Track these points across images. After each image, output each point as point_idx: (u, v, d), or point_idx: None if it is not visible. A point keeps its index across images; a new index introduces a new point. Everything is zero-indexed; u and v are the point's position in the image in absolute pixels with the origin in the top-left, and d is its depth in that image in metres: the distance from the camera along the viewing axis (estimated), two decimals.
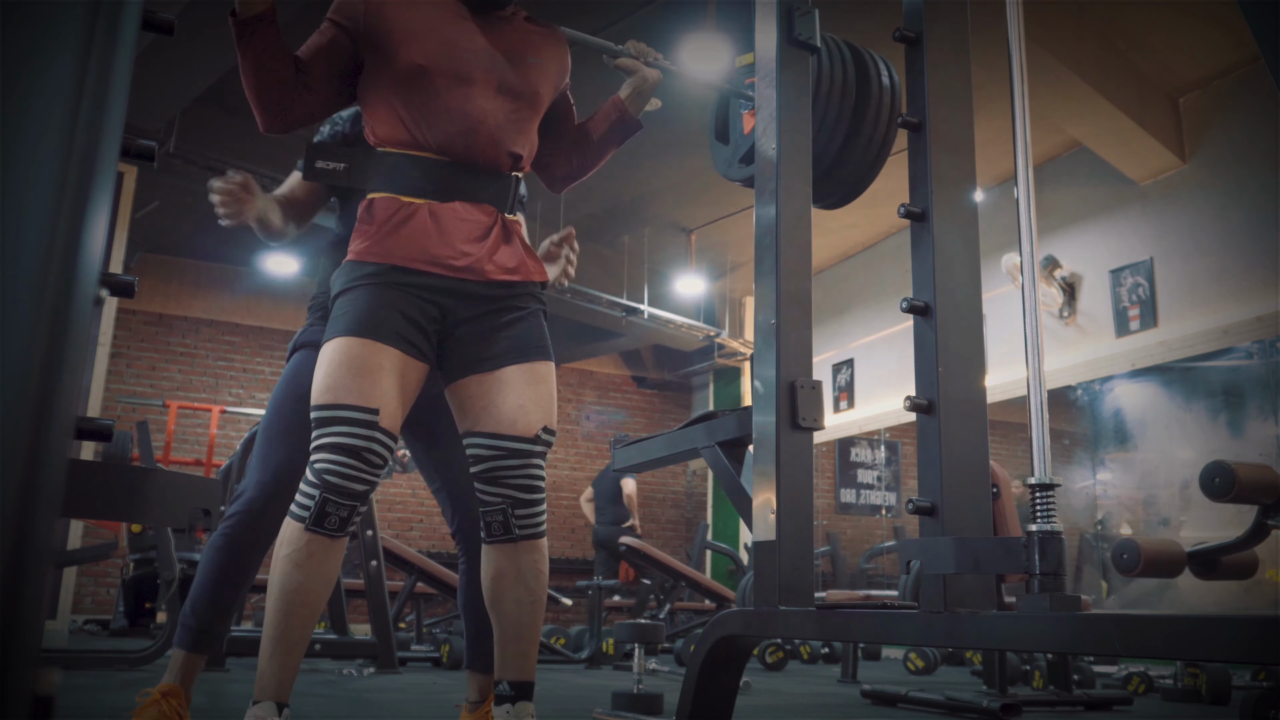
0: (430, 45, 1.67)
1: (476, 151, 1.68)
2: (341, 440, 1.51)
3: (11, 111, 0.49)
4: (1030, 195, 1.40)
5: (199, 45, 5.09)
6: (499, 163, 1.71)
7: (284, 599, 1.50)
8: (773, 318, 1.80)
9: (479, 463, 1.65)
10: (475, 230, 1.67)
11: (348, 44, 1.69)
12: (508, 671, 1.65)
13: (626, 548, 5.68)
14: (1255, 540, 1.22)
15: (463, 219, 1.66)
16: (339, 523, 1.51)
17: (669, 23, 5.52)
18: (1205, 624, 1.00)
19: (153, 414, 8.00)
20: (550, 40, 1.86)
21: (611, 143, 1.97)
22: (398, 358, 1.57)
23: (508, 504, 1.63)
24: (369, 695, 3.07)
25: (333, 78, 1.70)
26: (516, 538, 1.64)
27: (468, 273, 1.65)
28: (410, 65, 1.65)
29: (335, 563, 1.55)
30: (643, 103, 1.95)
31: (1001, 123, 1.61)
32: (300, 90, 1.67)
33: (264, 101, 1.66)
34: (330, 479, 1.50)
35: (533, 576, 1.65)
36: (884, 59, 2.13)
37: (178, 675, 1.84)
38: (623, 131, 1.97)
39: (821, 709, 3.16)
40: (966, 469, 1.50)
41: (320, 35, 1.70)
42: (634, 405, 10.89)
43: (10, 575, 0.44)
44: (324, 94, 1.70)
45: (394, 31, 1.67)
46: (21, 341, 0.46)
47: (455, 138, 1.66)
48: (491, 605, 1.67)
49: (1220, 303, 5.69)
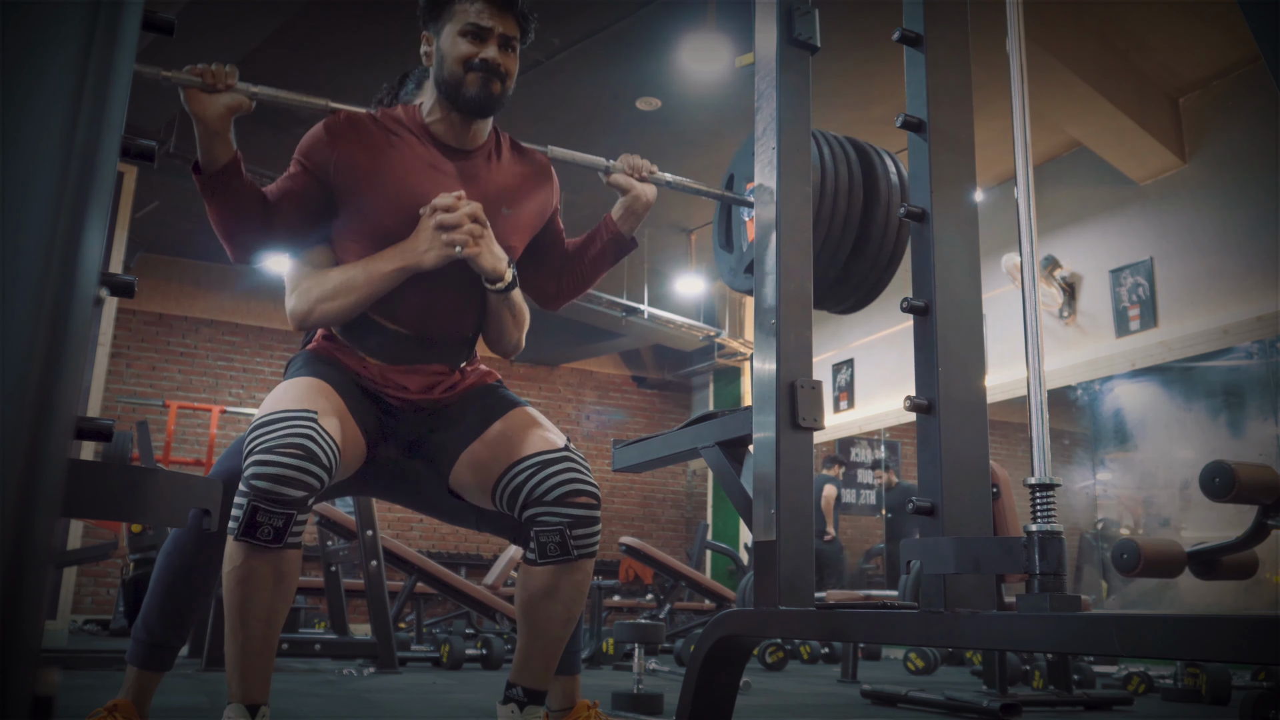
0: (400, 207, 1.64)
1: (433, 329, 1.70)
2: (275, 439, 1.43)
3: (11, 111, 0.49)
4: (1030, 195, 1.40)
5: (199, 45, 5.09)
6: (454, 337, 1.73)
7: (233, 612, 1.44)
8: (773, 318, 1.80)
9: (522, 488, 1.60)
10: (423, 383, 1.72)
11: (317, 190, 1.66)
12: (527, 679, 1.64)
13: (626, 547, 5.68)
14: (1255, 540, 1.22)
15: (412, 375, 1.71)
16: (273, 533, 1.40)
17: (669, 23, 5.52)
18: (1205, 624, 1.00)
19: (153, 414, 8.00)
20: (531, 177, 1.81)
21: (604, 264, 1.91)
22: (340, 402, 1.59)
23: (566, 524, 1.58)
24: (369, 695, 3.07)
25: (302, 219, 1.68)
26: (574, 557, 1.59)
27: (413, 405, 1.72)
28: (377, 229, 1.65)
29: (283, 576, 1.44)
30: (636, 221, 1.88)
31: (1001, 123, 1.61)
32: (268, 230, 1.64)
33: (231, 241, 1.64)
34: (259, 484, 1.40)
35: (574, 597, 1.63)
36: (889, 153, 2.10)
37: (130, 691, 1.69)
38: (616, 252, 1.91)
39: (821, 709, 3.16)
40: (966, 469, 1.50)
41: (290, 179, 1.67)
42: (634, 405, 10.89)
43: (10, 575, 0.44)
44: (295, 233, 1.68)
45: (362, 189, 1.65)
46: (21, 341, 0.46)
47: (413, 314, 1.68)
48: (524, 616, 1.64)
49: (1220, 303, 5.69)
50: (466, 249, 1.60)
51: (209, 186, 1.57)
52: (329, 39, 5.69)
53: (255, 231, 1.63)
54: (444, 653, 4.46)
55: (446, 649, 4.45)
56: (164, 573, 1.72)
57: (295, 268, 1.70)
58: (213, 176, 1.57)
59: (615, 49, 5.85)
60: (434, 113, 1.72)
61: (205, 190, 1.58)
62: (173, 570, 1.71)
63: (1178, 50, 5.72)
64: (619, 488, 10.46)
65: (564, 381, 10.45)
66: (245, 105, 1.56)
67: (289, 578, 1.46)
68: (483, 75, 1.65)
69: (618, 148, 2.00)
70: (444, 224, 1.60)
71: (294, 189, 1.65)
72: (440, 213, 1.60)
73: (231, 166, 1.57)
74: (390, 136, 1.69)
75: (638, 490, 10.59)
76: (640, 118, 6.61)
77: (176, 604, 1.71)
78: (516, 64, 1.71)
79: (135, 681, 1.69)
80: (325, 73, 6.06)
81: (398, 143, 1.69)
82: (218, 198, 1.58)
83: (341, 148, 1.65)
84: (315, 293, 1.65)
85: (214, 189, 1.58)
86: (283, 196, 1.65)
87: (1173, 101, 6.09)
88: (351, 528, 4.32)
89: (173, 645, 1.71)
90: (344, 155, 1.65)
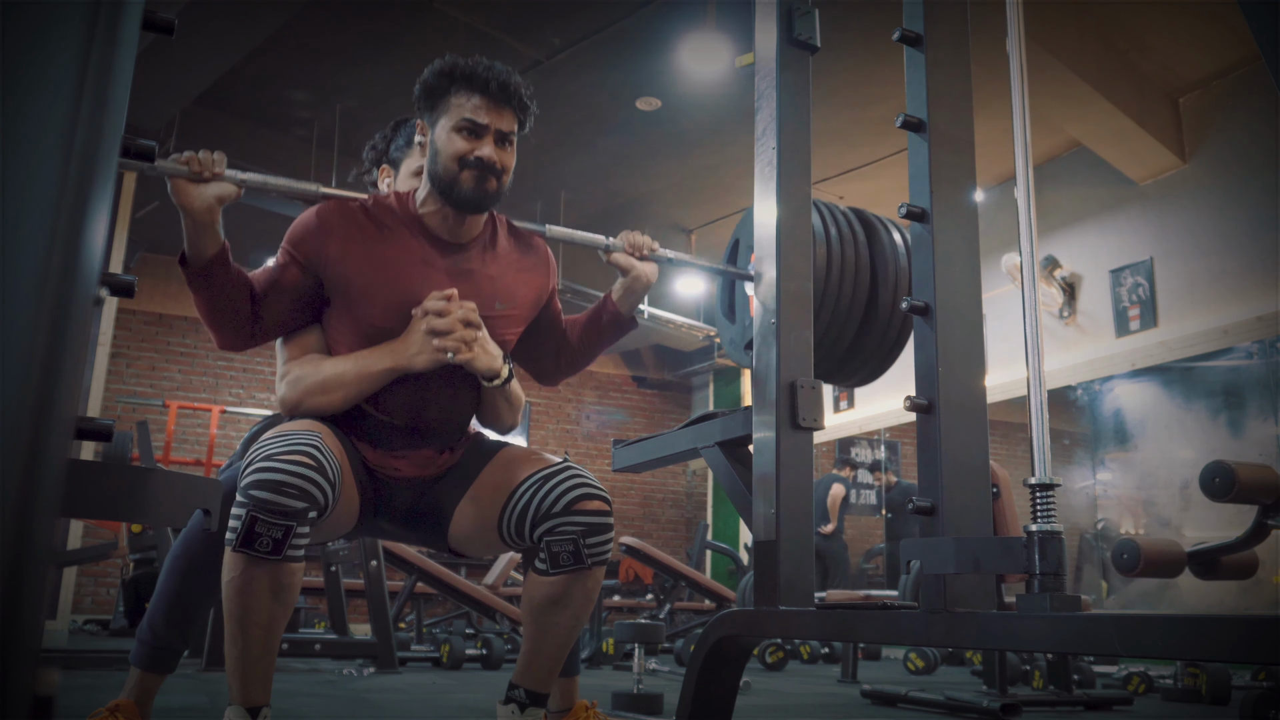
0: (392, 305, 1.61)
1: (426, 421, 1.67)
2: (277, 450, 1.40)
3: (11, 111, 0.49)
4: (1030, 195, 1.40)
5: (199, 45, 5.09)
6: (445, 428, 1.71)
7: (232, 621, 1.40)
8: (773, 318, 1.80)
9: (529, 506, 1.58)
10: (416, 468, 1.70)
11: (307, 282, 1.63)
12: (529, 681, 1.63)
13: (626, 547, 5.68)
14: (1255, 540, 1.22)
15: (404, 461, 1.69)
16: (272, 544, 1.35)
17: (669, 22, 5.52)
18: (1205, 624, 1.00)
19: (153, 414, 8.00)
20: (527, 265, 1.78)
21: (604, 342, 1.89)
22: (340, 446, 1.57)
23: (580, 532, 1.55)
24: (369, 695, 3.07)
25: (291, 309, 1.65)
26: (588, 566, 1.57)
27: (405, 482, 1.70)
28: (369, 327, 1.62)
29: (284, 588, 1.40)
30: (637, 301, 1.86)
31: (1001, 123, 1.61)
32: (256, 320, 1.62)
33: (220, 331, 1.62)
34: (258, 494, 1.35)
35: (583, 604, 1.61)
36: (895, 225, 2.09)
37: (132, 692, 1.68)
38: (616, 331, 1.88)
39: (821, 709, 3.16)
40: (966, 469, 1.50)
41: (280, 271, 1.63)
42: (634, 405, 10.89)
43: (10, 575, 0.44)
44: (284, 321, 1.66)
45: (354, 285, 1.61)
46: (21, 341, 0.46)
47: (405, 407, 1.65)
48: (533, 620, 1.61)
49: (1220, 303, 5.69)
50: (458, 355, 1.57)
51: (196, 279, 1.54)
52: (328, 39, 5.69)
53: (244, 322, 1.60)
54: (444, 653, 4.46)
55: (446, 649, 4.46)
56: (171, 576, 1.72)
57: (286, 353, 1.68)
58: (200, 269, 1.53)
59: (615, 49, 5.85)
60: (427, 204, 1.67)
61: (192, 283, 1.54)
62: (180, 573, 1.71)
63: (1178, 50, 5.72)
64: (619, 488, 10.45)
65: (564, 381, 10.45)
66: (234, 194, 1.52)
67: (289, 590, 1.41)
68: (478, 173, 1.61)
69: (618, 148, 1.99)
70: (435, 329, 1.57)
71: (283, 280, 1.62)
72: (432, 317, 1.57)
73: (219, 258, 1.54)
74: (382, 229, 1.64)
75: (638, 490, 10.59)
76: (640, 118, 6.61)
77: (183, 607, 1.71)
78: (514, 158, 1.66)
79: (138, 683, 1.69)
80: (324, 73, 6.06)
81: (390, 236, 1.64)
82: (204, 290, 1.55)
83: (333, 241, 1.61)
84: (305, 384, 1.62)
85: (201, 282, 1.54)
86: (271, 287, 1.61)
87: (1173, 101, 6.09)
88: None
89: (177, 648, 1.71)
90: (335, 250, 1.60)
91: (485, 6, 5.44)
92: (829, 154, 6.89)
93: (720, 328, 2.29)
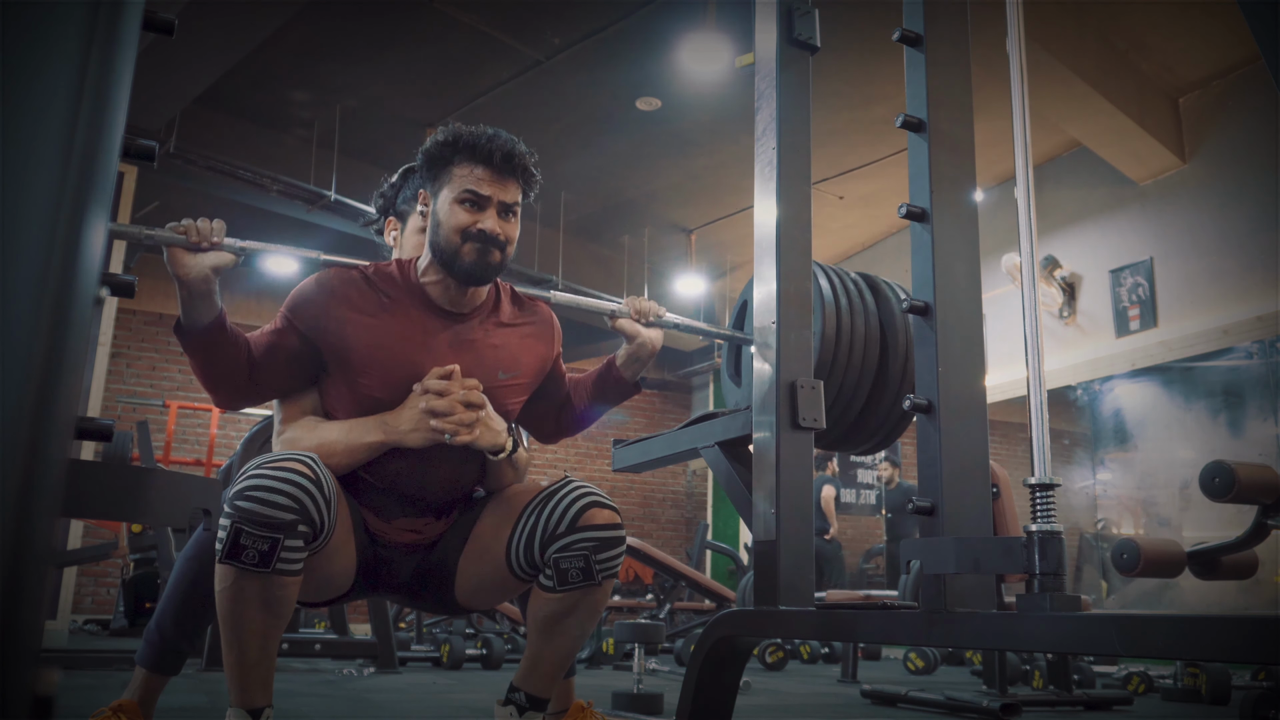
0: (392, 377, 1.57)
1: (425, 494, 1.64)
2: (268, 462, 1.37)
3: (11, 111, 0.49)
4: (1030, 195, 1.40)
5: (199, 45, 5.09)
6: (451, 495, 1.68)
7: (228, 629, 1.37)
8: (773, 318, 1.80)
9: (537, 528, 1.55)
10: (416, 536, 1.66)
11: (305, 349, 1.59)
12: (531, 686, 1.61)
13: (627, 547, 5.67)
14: (1255, 540, 1.21)
15: (406, 530, 1.65)
16: (258, 556, 1.31)
17: (669, 23, 5.52)
18: (1205, 624, 1.00)
19: (153, 414, 8.00)
20: (531, 334, 1.74)
21: (605, 405, 1.85)
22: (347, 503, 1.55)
23: (591, 548, 1.52)
24: (369, 695, 3.07)
25: (288, 374, 1.61)
26: (598, 582, 1.54)
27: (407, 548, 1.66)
28: (367, 399, 1.58)
29: (273, 602, 1.36)
30: (641, 367, 1.81)
31: (1001, 123, 1.61)
32: (253, 383, 1.59)
33: (216, 392, 1.59)
34: (243, 504, 1.31)
35: (589, 616, 1.58)
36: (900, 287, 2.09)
37: (136, 693, 1.67)
38: (618, 395, 1.83)
39: (821, 709, 3.16)
40: (966, 469, 1.50)
41: (277, 336, 1.59)
42: (634, 405, 10.88)
43: (10, 575, 0.44)
44: (281, 385, 1.62)
45: (352, 356, 1.57)
46: (21, 341, 0.46)
47: (405, 480, 1.61)
48: (538, 628, 1.59)
49: (1220, 303, 5.69)
50: (457, 438, 1.53)
51: (192, 345, 1.51)
52: (328, 39, 5.69)
53: (240, 384, 1.57)
54: (444, 653, 4.46)
55: (446, 649, 4.46)
56: (181, 577, 1.70)
57: (283, 413, 1.64)
58: (196, 336, 1.50)
59: (615, 49, 5.85)
60: (429, 274, 1.63)
61: (188, 349, 1.52)
62: (191, 575, 1.69)
63: (1178, 50, 5.72)
64: (619, 488, 10.46)
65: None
66: (231, 263, 1.48)
67: (282, 603, 1.38)
68: (480, 246, 1.57)
69: (618, 148, 1.99)
70: (434, 410, 1.53)
71: (281, 345, 1.59)
72: (431, 396, 1.53)
73: (216, 324, 1.51)
74: (382, 299, 1.61)
75: (638, 490, 10.60)
76: (640, 118, 6.61)
77: (192, 609, 1.69)
78: (518, 228, 1.63)
79: (143, 683, 1.69)
80: (324, 73, 6.06)
81: (390, 306, 1.61)
82: (200, 355, 1.53)
83: (332, 311, 1.58)
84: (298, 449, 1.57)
85: (197, 348, 1.52)
86: (268, 352, 1.58)
87: (1173, 101, 6.09)
88: None
89: (185, 650, 1.70)
90: (334, 320, 1.57)
91: (485, 6, 5.44)
92: (829, 154, 6.89)
93: (726, 390, 2.28)
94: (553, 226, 8.08)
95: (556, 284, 7.93)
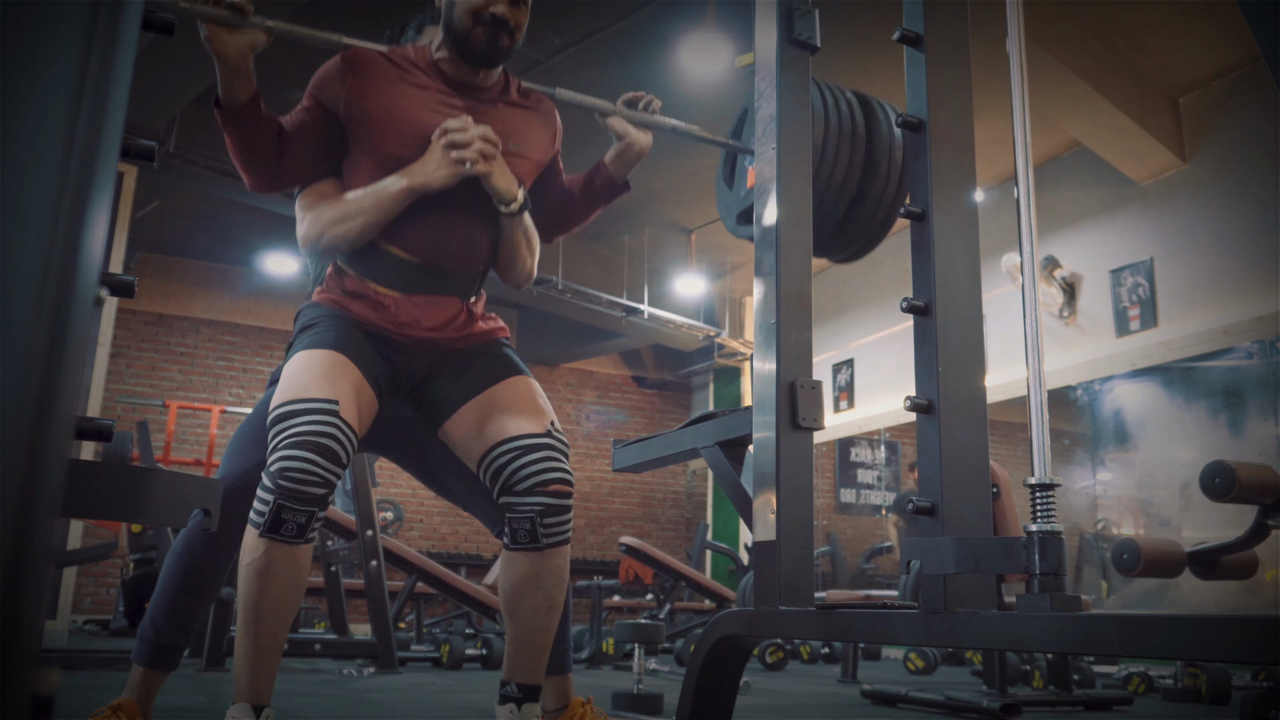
0: (409, 135, 1.66)
1: (446, 258, 1.71)
2: (300, 435, 1.47)
3: (11, 111, 0.49)
4: (1030, 195, 1.40)
5: (199, 45, 5.07)
6: (467, 266, 1.74)
7: (249, 606, 1.46)
8: (773, 318, 1.80)
9: (501, 472, 1.62)
10: (438, 317, 1.72)
11: (329, 123, 1.70)
12: (519, 674, 1.64)
13: (626, 547, 5.67)
14: (1255, 540, 1.22)
15: (426, 310, 1.71)
16: (296, 529, 1.45)
17: (669, 22, 5.52)
18: (1205, 624, 1.00)
19: (153, 414, 8.00)
20: (537, 116, 1.84)
21: (597, 205, 1.94)
22: (356, 374, 1.60)
23: (537, 512, 1.60)
24: (369, 695, 3.07)
25: (317, 151, 1.71)
26: (542, 546, 1.62)
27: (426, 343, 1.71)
28: (387, 156, 1.66)
29: (299, 569, 1.49)
30: (628, 167, 1.91)
31: (1001, 123, 1.61)
32: (282, 161, 1.69)
33: (250, 171, 1.68)
34: (285, 483, 1.44)
35: (554, 582, 1.64)
36: (893, 107, 2.09)
37: (134, 691, 1.70)
38: (609, 195, 1.94)
39: (821, 709, 3.16)
40: (966, 469, 1.50)
41: (303, 111, 1.70)
42: (634, 405, 10.89)
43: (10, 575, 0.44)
44: (309, 164, 1.72)
45: (373, 121, 1.67)
46: (21, 341, 0.46)
47: (426, 241, 1.69)
48: (509, 609, 1.65)
49: (1220, 303, 5.69)
50: (476, 166, 1.62)
51: (230, 121, 1.62)
52: None
53: (271, 162, 1.67)
54: (444, 653, 4.46)
55: (446, 649, 4.46)
56: (173, 573, 1.74)
57: (305, 197, 1.74)
58: (233, 111, 1.61)
59: (615, 49, 5.84)
60: (443, 51, 1.74)
61: (226, 124, 1.62)
62: (183, 571, 1.73)
63: (1178, 50, 5.72)
64: (619, 488, 10.46)
65: (564, 381, 10.45)
66: (264, 42, 1.59)
67: (304, 570, 1.50)
68: (491, 30, 1.67)
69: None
70: (454, 142, 1.62)
71: (307, 122, 1.69)
72: (451, 133, 1.62)
73: (252, 101, 1.61)
74: (401, 72, 1.71)
75: (638, 490, 10.59)
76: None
77: (185, 604, 1.73)
78: (528, 15, 1.72)
79: (140, 681, 1.70)
80: None
81: (408, 78, 1.71)
82: (236, 131, 1.63)
83: (353, 82, 1.68)
84: (325, 217, 1.67)
85: (234, 123, 1.62)
86: (297, 129, 1.69)
87: (1173, 101, 6.09)
88: (351, 528, 4.32)
89: (180, 645, 1.73)
90: (355, 89, 1.67)
91: None
92: None
93: (719, 194, 2.30)
94: None
95: (556, 284, 7.93)
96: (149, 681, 1.71)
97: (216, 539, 1.72)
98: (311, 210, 1.70)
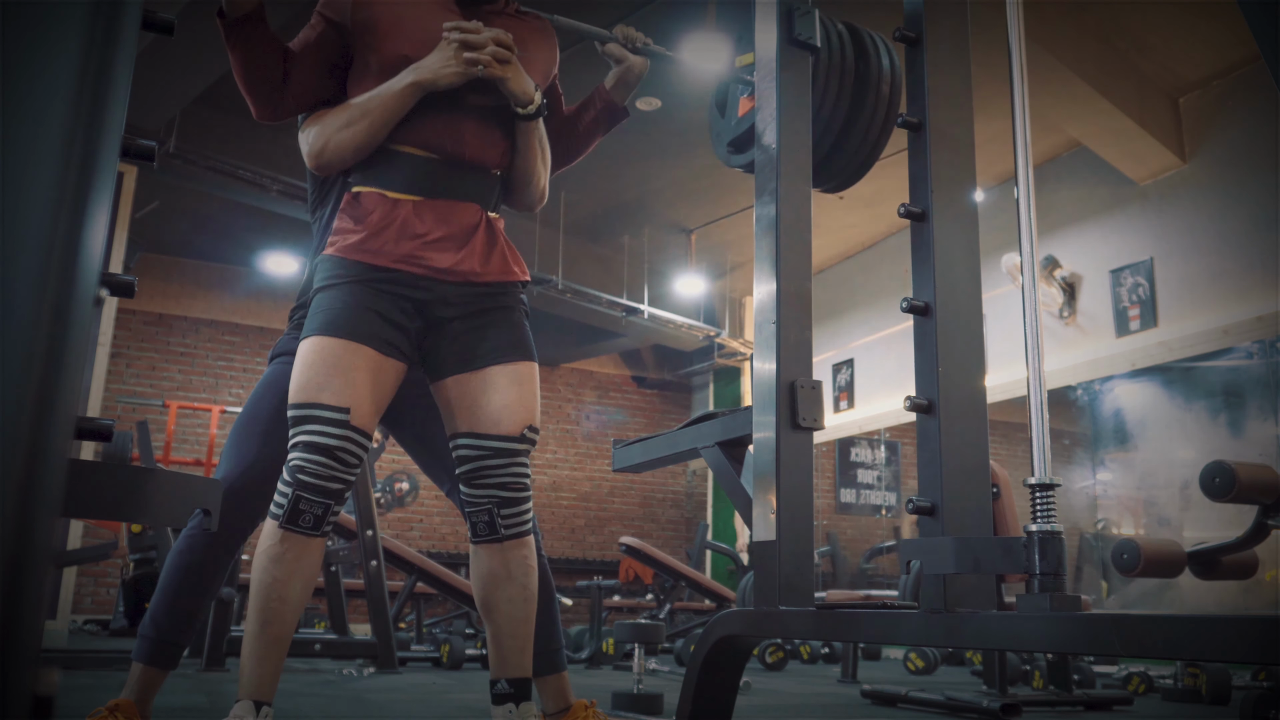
0: (416, 37, 1.66)
1: (462, 148, 1.68)
2: (315, 439, 1.51)
3: (11, 111, 0.49)
4: (1030, 195, 1.40)
5: (199, 45, 5.08)
6: (484, 160, 1.71)
7: (261, 595, 1.50)
8: (773, 318, 1.80)
9: (464, 463, 1.65)
10: (459, 230, 1.66)
11: (336, 38, 1.70)
12: (506, 669, 1.65)
13: (626, 547, 5.67)
14: (1255, 540, 1.22)
15: (447, 218, 1.66)
16: (314, 521, 1.51)
17: (669, 22, 5.52)
18: (1205, 624, 1.00)
19: (153, 414, 8.00)
20: (538, 33, 1.85)
21: (598, 131, 1.96)
22: (373, 357, 1.57)
23: (493, 504, 1.63)
24: (369, 695, 3.07)
25: (323, 72, 1.71)
26: (502, 538, 1.64)
27: (450, 274, 1.65)
28: (395, 57, 1.66)
29: (313, 561, 1.53)
30: (628, 90, 1.95)
31: (1001, 123, 1.61)
32: (287, 82, 1.68)
33: (255, 94, 1.67)
34: (304, 477, 1.50)
35: (523, 572, 1.65)
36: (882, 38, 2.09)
37: (134, 690, 1.70)
38: (609, 120, 1.96)
39: (821, 709, 3.16)
40: (966, 469, 1.50)
41: (310, 30, 1.71)
42: (634, 405, 10.89)
43: (10, 575, 0.44)
44: (315, 86, 1.71)
45: (380, 24, 1.67)
46: (21, 341, 0.46)
47: (441, 134, 1.66)
48: (484, 606, 1.66)
49: (1220, 303, 5.69)
50: (489, 69, 1.60)
51: (233, 34, 1.60)
52: None
53: (277, 83, 1.66)
54: (444, 653, 4.46)
55: (446, 649, 4.45)
56: (174, 571, 1.76)
57: (309, 121, 1.72)
58: (236, 23, 1.60)
59: None
60: None
61: (229, 38, 1.61)
62: (184, 569, 1.75)
63: (1178, 50, 5.72)
64: (619, 488, 10.46)
65: (564, 381, 10.45)
66: None
67: (315, 565, 1.54)
68: None
69: (618, 147, 2.02)
70: (467, 43, 1.60)
71: (313, 38, 1.69)
72: (464, 33, 1.61)
73: (255, 14, 1.61)
74: None
75: (638, 490, 10.59)
76: (640, 118, 6.61)
77: (185, 602, 1.75)
78: None
79: (140, 678, 1.72)
80: None
81: None
82: (241, 46, 1.61)
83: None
84: (330, 125, 1.65)
85: (237, 37, 1.61)
86: (303, 48, 1.68)
87: (1173, 101, 6.09)
88: (351, 528, 4.33)
89: (180, 643, 1.75)
90: (360, 3, 1.67)
91: None
92: None
93: (711, 121, 2.29)
94: (553, 226, 8.08)
95: (556, 284, 7.93)
96: (149, 679, 1.72)
97: (217, 538, 1.74)
98: (316, 124, 1.69)
